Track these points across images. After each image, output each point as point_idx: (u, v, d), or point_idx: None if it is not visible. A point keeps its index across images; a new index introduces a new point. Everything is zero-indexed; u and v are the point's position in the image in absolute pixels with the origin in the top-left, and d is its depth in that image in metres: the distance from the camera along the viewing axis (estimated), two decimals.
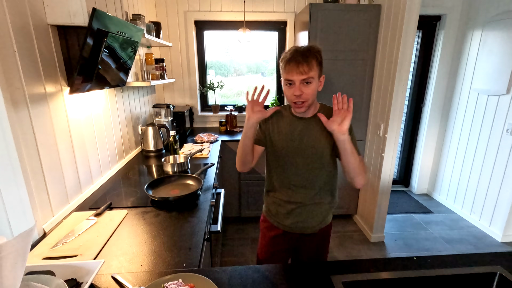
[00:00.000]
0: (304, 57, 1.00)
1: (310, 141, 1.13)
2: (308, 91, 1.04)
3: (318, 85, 1.07)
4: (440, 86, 3.06)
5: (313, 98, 1.08)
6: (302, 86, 1.03)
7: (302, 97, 1.04)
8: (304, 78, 1.01)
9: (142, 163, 1.93)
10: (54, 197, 1.18)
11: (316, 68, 1.02)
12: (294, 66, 1.00)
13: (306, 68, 1.00)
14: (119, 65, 1.57)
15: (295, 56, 1.01)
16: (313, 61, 1.01)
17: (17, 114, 0.99)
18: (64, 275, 0.81)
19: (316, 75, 1.03)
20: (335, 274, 0.87)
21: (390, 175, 2.34)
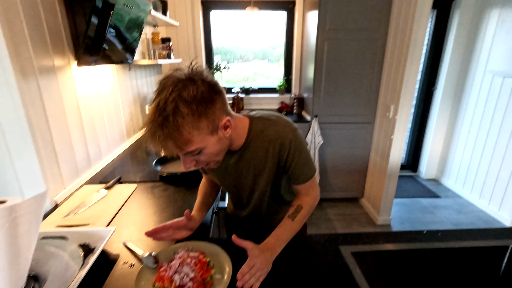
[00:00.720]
0: (165, 135, 0.62)
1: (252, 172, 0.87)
2: (204, 158, 0.71)
3: (218, 140, 0.71)
4: (453, 69, 2.96)
5: (221, 154, 0.76)
6: (189, 157, 0.70)
7: (198, 165, 0.75)
8: (185, 153, 0.68)
9: None
10: (64, 170, 1.20)
11: (195, 133, 0.64)
12: (158, 147, 0.66)
13: (175, 147, 0.64)
14: (125, 46, 1.56)
15: (153, 131, 0.62)
16: (183, 132, 0.63)
17: (26, 84, 0.99)
18: (77, 240, 0.83)
19: (203, 138, 0.67)
20: (344, 245, 0.87)
21: (398, 158, 2.31)
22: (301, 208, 0.87)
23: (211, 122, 0.67)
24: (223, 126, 0.71)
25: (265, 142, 0.82)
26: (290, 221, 0.85)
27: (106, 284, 0.72)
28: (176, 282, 0.67)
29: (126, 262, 0.80)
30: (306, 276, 0.74)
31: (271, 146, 0.81)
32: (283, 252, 0.80)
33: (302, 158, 0.83)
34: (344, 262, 0.79)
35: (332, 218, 2.57)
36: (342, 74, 2.40)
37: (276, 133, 0.80)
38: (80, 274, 0.72)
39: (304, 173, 0.86)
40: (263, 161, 0.84)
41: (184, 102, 0.61)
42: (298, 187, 0.89)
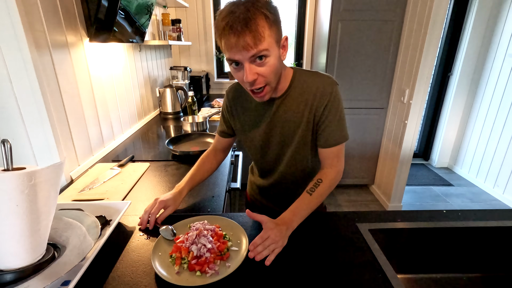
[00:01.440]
0: (245, 23, 0.64)
1: (285, 125, 0.87)
2: (266, 71, 0.71)
3: (279, 54, 0.73)
4: (472, 53, 2.85)
5: (276, 77, 0.75)
6: (253, 66, 0.70)
7: (258, 82, 0.73)
8: (254, 54, 0.68)
9: (160, 124, 1.94)
10: (79, 146, 1.20)
11: (268, 32, 0.67)
12: (233, 39, 0.66)
13: (251, 40, 0.65)
14: (135, 28, 1.54)
15: (231, 23, 0.65)
16: (260, 24, 0.66)
17: (40, 58, 0.98)
18: (93, 213, 0.83)
19: (271, 43, 0.69)
20: (361, 222, 0.85)
21: (412, 144, 2.26)
22: (320, 182, 0.84)
23: (278, 31, 0.71)
24: (283, 44, 0.75)
25: (306, 93, 0.82)
26: (308, 195, 0.82)
27: (123, 254, 0.73)
28: (193, 253, 0.67)
29: (143, 234, 0.80)
30: (325, 250, 0.73)
31: (311, 96, 0.82)
32: (302, 225, 0.79)
33: (337, 116, 0.82)
34: (362, 237, 0.78)
35: (342, 204, 2.56)
36: (355, 58, 2.33)
37: (318, 84, 0.81)
38: (97, 244, 0.72)
39: (335, 135, 0.83)
40: (301, 113, 0.84)
41: (261, 3, 0.67)
42: (324, 152, 0.86)
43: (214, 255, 0.68)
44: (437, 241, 0.86)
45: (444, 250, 0.87)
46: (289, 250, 0.72)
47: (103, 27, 1.25)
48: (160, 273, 0.64)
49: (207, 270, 0.64)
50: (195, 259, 0.67)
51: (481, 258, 0.88)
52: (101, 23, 1.23)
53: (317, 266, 0.68)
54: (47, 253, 0.67)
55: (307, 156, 0.91)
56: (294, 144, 0.88)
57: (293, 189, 0.98)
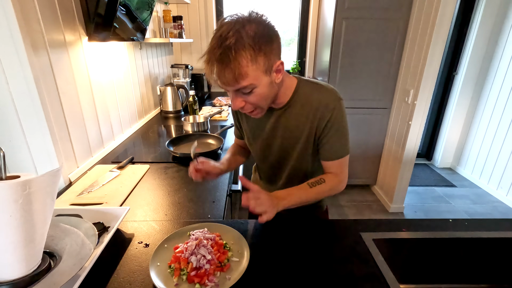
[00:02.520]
0: (224, 62, 0.63)
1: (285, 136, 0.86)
2: (253, 100, 0.71)
3: (270, 81, 0.71)
4: (478, 52, 2.80)
5: (267, 101, 0.75)
6: (239, 96, 0.71)
7: (246, 108, 0.74)
8: (237, 89, 0.69)
9: (161, 124, 1.92)
10: (77, 148, 1.18)
11: (253, 67, 0.65)
12: (214, 76, 0.66)
13: (231, 78, 0.65)
14: (136, 25, 1.51)
15: (211, 61, 0.65)
16: (243, 62, 0.63)
17: (37, 58, 0.96)
18: (92, 219, 0.81)
19: (258, 76, 0.67)
20: (365, 231, 0.83)
21: (416, 145, 2.23)
22: (323, 181, 0.83)
23: (267, 60, 0.67)
24: (276, 69, 0.71)
25: (308, 106, 0.80)
26: (308, 187, 0.82)
27: (121, 263, 0.71)
28: (192, 264, 0.65)
29: (141, 242, 0.78)
30: (328, 260, 0.71)
31: (312, 110, 0.80)
32: (305, 234, 0.77)
33: (339, 131, 0.81)
34: (365, 247, 0.76)
35: (344, 204, 2.54)
36: (359, 57, 2.29)
37: (321, 98, 0.79)
38: (95, 252, 0.71)
39: (336, 149, 0.83)
40: (302, 126, 0.82)
41: (246, 35, 0.63)
42: (327, 164, 0.86)
43: (214, 267, 0.66)
44: (442, 251, 0.83)
45: (449, 260, 0.84)
46: (291, 261, 0.70)
47: (103, 23, 1.21)
48: (159, 286, 0.62)
49: (207, 282, 0.62)
50: (194, 270, 0.65)
51: (487, 269, 0.86)
52: (101, 19, 1.19)
53: (320, 277, 0.66)
54: (42, 262, 0.65)
55: (307, 166, 0.91)
56: (294, 156, 0.88)
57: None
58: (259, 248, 0.75)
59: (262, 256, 0.73)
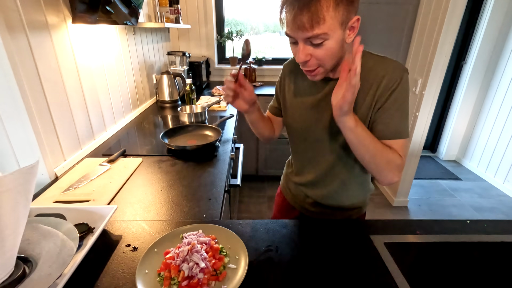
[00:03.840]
0: (303, 3, 0.57)
1: None
2: (321, 54, 0.64)
3: (343, 37, 0.63)
4: (488, 40, 2.68)
5: (333, 60, 0.67)
6: (308, 47, 0.63)
7: (310, 63, 0.66)
8: (309, 37, 0.61)
9: (157, 114, 1.83)
10: (64, 140, 1.10)
11: (332, 14, 0.58)
12: (289, 16, 0.60)
13: (307, 21, 0.58)
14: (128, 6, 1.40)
15: (292, 7, 0.59)
16: (324, 4, 0.57)
17: (14, 42, 0.86)
18: (75, 219, 0.74)
19: (334, 26, 0.59)
20: (375, 234, 0.75)
21: (422, 137, 2.15)
22: (390, 149, 0.71)
23: (347, 12, 0.60)
24: (351, 26, 0.63)
25: (370, 78, 0.71)
26: (376, 139, 0.69)
27: (105, 269, 0.64)
28: (184, 273, 0.58)
29: (129, 245, 0.71)
30: (335, 268, 0.64)
31: (375, 81, 0.70)
32: (310, 239, 0.69)
33: (402, 107, 0.70)
34: (377, 253, 0.69)
35: None
36: (365, 44, 2.16)
37: (387, 69, 0.70)
38: (77, 257, 0.64)
39: (398, 127, 0.70)
40: (362, 99, 0.72)
41: None
42: (386, 143, 0.72)
43: (208, 275, 0.59)
44: (459, 256, 0.76)
45: (466, 265, 0.77)
46: (293, 269, 0.63)
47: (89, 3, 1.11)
48: None
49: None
50: (186, 280, 0.58)
51: (506, 274, 0.79)
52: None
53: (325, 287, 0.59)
54: (16, 270, 0.58)
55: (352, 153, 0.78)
56: (342, 137, 0.73)
57: (336, 187, 0.88)
58: (258, 253, 0.68)
59: (261, 262, 0.65)
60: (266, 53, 2.98)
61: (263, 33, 3.02)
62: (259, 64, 2.83)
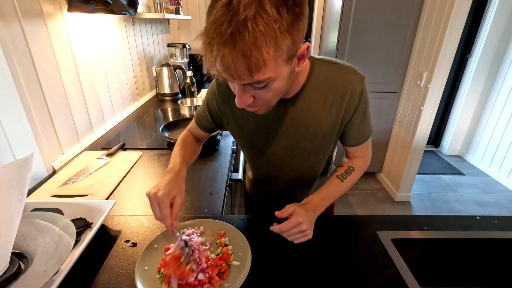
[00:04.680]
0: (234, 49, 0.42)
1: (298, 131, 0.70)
2: (266, 96, 0.53)
3: (288, 74, 0.51)
4: (495, 33, 2.62)
5: (281, 95, 0.57)
6: (249, 90, 0.52)
7: (254, 104, 0.55)
8: (249, 83, 0.49)
9: (157, 107, 1.80)
10: (62, 133, 1.07)
11: (276, 54, 0.44)
12: (218, 66, 0.45)
13: (244, 70, 0.44)
14: None
15: (213, 43, 0.43)
16: (264, 47, 0.43)
17: (7, 30, 0.83)
18: (73, 214, 0.72)
19: (279, 65, 0.47)
20: (381, 230, 0.73)
21: (426, 131, 2.11)
22: (352, 170, 0.75)
23: (293, 43, 0.46)
24: (300, 55, 0.51)
25: (327, 90, 0.65)
26: (339, 181, 0.73)
27: (104, 266, 0.62)
28: None
29: (128, 240, 0.69)
30: (341, 265, 0.62)
31: (336, 95, 0.65)
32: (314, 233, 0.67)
33: (366, 113, 0.71)
34: (384, 249, 0.66)
35: (348, 192, 2.46)
36: (370, 37, 2.13)
37: (344, 80, 0.65)
38: (74, 253, 0.62)
39: (364, 132, 0.73)
40: (324, 116, 0.68)
41: (270, 4, 0.41)
42: (353, 149, 0.76)
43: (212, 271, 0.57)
44: (468, 252, 0.74)
45: (475, 262, 0.75)
46: (298, 265, 0.61)
47: None
48: None
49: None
50: None
51: None
52: None
53: (333, 284, 0.57)
54: (11, 266, 0.56)
55: (321, 160, 0.78)
56: (308, 150, 0.73)
57: (297, 191, 0.86)
58: (262, 249, 0.66)
59: (265, 259, 0.63)
60: None
61: None
62: None
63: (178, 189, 0.62)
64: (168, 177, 0.64)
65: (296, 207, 0.63)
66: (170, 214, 0.59)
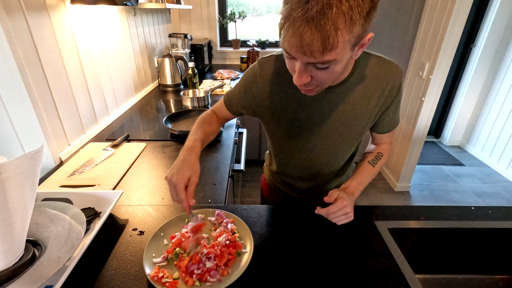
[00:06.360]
0: (316, 25, 0.44)
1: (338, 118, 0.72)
2: (324, 77, 0.55)
3: (348, 59, 0.54)
4: (499, 23, 2.59)
5: (335, 79, 0.60)
6: (309, 69, 0.54)
7: (310, 84, 0.57)
8: (315, 62, 0.51)
9: (159, 98, 1.81)
10: (67, 124, 1.09)
11: (347, 38, 0.47)
12: (294, 39, 0.47)
13: (317, 46, 0.46)
14: None
15: (297, 17, 0.45)
16: (339, 28, 0.45)
17: (12, 23, 0.84)
18: (82, 203, 0.75)
19: (345, 50, 0.49)
20: (379, 219, 0.76)
21: (427, 123, 2.12)
22: (381, 155, 0.82)
23: (363, 31, 0.50)
24: (362, 44, 0.54)
25: (370, 81, 0.69)
26: (371, 166, 0.80)
27: (113, 253, 0.65)
28: None
29: (136, 229, 0.72)
30: (339, 252, 0.65)
31: (378, 86, 0.69)
32: (314, 222, 0.70)
33: (399, 105, 0.77)
34: (380, 238, 0.69)
35: None
36: (372, 27, 2.08)
37: (386, 73, 0.69)
38: (85, 240, 0.65)
39: (396, 120, 0.79)
40: (365, 106, 0.71)
41: None
42: (382, 136, 0.82)
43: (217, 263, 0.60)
44: (462, 241, 0.77)
45: (468, 251, 0.78)
46: (298, 253, 0.64)
47: None
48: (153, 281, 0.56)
49: (209, 279, 0.56)
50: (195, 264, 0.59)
51: (508, 260, 0.80)
52: None
53: (331, 271, 0.60)
54: (26, 253, 0.59)
55: (351, 148, 0.83)
56: (343, 136, 0.75)
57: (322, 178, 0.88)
58: (263, 237, 0.69)
59: (266, 247, 0.66)
60: (269, 35, 2.90)
61: (266, 14, 2.93)
62: (262, 47, 2.77)
63: (191, 168, 0.63)
64: (182, 157, 0.66)
65: (339, 192, 0.68)
66: (186, 197, 0.61)
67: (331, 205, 0.66)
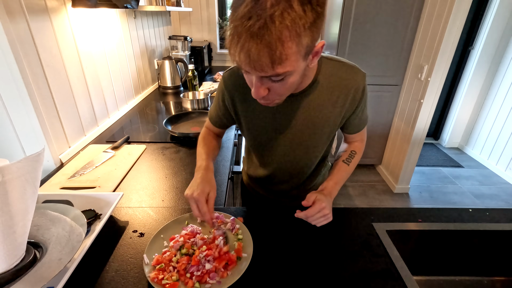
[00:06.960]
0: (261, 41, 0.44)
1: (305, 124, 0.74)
2: (281, 89, 0.56)
3: (303, 69, 0.55)
4: (498, 25, 2.60)
5: (293, 89, 0.61)
6: (265, 82, 0.54)
7: (268, 97, 0.58)
8: (268, 76, 0.51)
9: (159, 100, 1.82)
10: (68, 127, 1.10)
11: (296, 49, 0.47)
12: (242, 57, 0.47)
13: (266, 61, 0.46)
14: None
15: (241, 35, 0.45)
16: (287, 42, 0.45)
17: (14, 26, 0.85)
18: (82, 205, 0.76)
19: (297, 60, 0.50)
20: (377, 221, 0.77)
21: (426, 125, 2.13)
22: (354, 153, 0.84)
23: (312, 40, 0.49)
24: (315, 52, 0.54)
25: (333, 87, 0.71)
26: (346, 165, 0.82)
27: (113, 254, 0.65)
28: None
29: (136, 231, 0.72)
30: (338, 254, 0.65)
31: (341, 91, 0.71)
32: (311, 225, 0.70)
33: (366, 106, 0.79)
34: (379, 240, 0.70)
35: (347, 184, 2.49)
36: (371, 29, 2.12)
37: (349, 78, 0.70)
38: (85, 242, 0.65)
39: (364, 120, 0.82)
40: (329, 111, 0.73)
41: (297, 0, 0.44)
42: (354, 135, 0.85)
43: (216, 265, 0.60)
44: (460, 243, 0.77)
45: (466, 252, 0.79)
46: (297, 255, 0.65)
47: None
48: (154, 282, 0.56)
49: (208, 280, 0.57)
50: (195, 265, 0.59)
51: (505, 261, 0.80)
52: None
53: (328, 273, 0.61)
54: (27, 255, 0.60)
55: (321, 151, 0.84)
56: (312, 142, 0.78)
57: (296, 181, 0.90)
58: (262, 239, 0.69)
59: (265, 248, 0.67)
60: None
61: None
62: None
63: (210, 184, 0.69)
64: (199, 175, 0.71)
65: (317, 195, 0.70)
66: (208, 210, 0.65)
67: (310, 208, 0.68)
